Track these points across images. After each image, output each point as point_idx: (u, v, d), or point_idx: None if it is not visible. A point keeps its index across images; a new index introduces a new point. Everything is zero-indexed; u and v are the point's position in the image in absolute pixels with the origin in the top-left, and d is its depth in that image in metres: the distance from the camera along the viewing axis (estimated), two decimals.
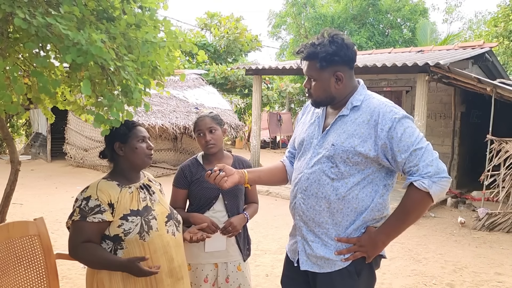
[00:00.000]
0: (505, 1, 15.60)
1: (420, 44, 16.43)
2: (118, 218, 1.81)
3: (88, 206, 1.77)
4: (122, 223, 1.81)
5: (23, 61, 2.18)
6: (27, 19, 1.42)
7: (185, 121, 10.21)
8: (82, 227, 1.77)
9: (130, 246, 1.82)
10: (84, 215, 1.76)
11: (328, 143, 1.79)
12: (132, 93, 1.66)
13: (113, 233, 1.81)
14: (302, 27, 21.38)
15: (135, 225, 1.82)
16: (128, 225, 1.81)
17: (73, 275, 4.04)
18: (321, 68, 1.77)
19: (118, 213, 1.81)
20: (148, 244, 1.84)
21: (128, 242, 1.82)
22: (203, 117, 2.36)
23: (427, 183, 1.62)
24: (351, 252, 1.77)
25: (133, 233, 1.81)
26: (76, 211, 1.79)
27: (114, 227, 1.81)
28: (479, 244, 5.70)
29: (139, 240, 1.82)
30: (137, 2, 2.00)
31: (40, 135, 12.11)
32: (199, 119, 2.37)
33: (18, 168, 2.59)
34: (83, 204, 1.78)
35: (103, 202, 1.79)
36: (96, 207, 1.78)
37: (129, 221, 1.81)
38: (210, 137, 2.31)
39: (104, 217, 1.78)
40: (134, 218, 1.83)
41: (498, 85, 6.49)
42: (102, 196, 1.80)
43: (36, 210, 6.47)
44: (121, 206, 1.82)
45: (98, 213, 1.77)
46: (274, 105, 19.90)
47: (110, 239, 1.82)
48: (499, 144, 6.45)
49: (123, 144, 1.92)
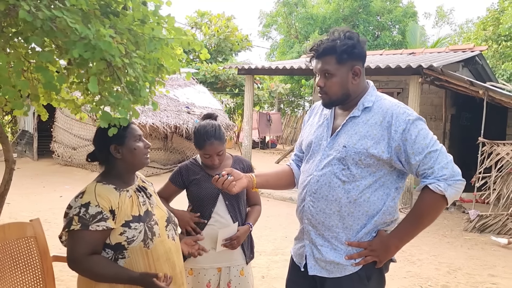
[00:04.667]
0: (494, 5, 15.82)
1: (410, 47, 16.55)
2: (119, 225, 1.68)
3: (89, 214, 1.62)
4: (125, 230, 1.68)
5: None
6: (32, 11, 1.35)
7: (176, 120, 10.11)
8: (85, 237, 1.62)
9: (133, 255, 1.70)
10: (85, 224, 1.61)
11: (339, 145, 1.75)
12: (139, 91, 1.59)
13: (114, 241, 1.67)
14: (293, 27, 21.41)
15: (139, 232, 1.70)
16: (131, 232, 1.69)
17: (65, 277, 3.94)
18: (340, 62, 1.72)
19: (120, 220, 1.68)
20: (152, 252, 1.73)
21: (131, 251, 1.69)
22: (211, 141, 2.17)
23: (443, 186, 1.59)
24: (362, 257, 1.73)
25: (137, 241, 1.70)
26: (74, 219, 1.62)
27: (115, 235, 1.67)
28: (471, 245, 5.74)
29: (143, 248, 1.71)
30: None
31: (26, 132, 11.88)
32: (207, 142, 2.17)
33: (12, 167, 2.50)
34: (82, 212, 1.62)
35: (105, 208, 1.65)
36: (98, 214, 1.63)
37: (131, 228, 1.69)
38: (217, 159, 2.22)
39: (108, 224, 1.64)
40: (137, 225, 1.71)
41: (490, 88, 6.55)
42: (103, 202, 1.65)
43: (24, 209, 6.31)
44: (122, 213, 1.70)
45: (102, 220, 1.63)
46: (264, 105, 19.87)
47: (111, 248, 1.69)
48: (490, 147, 6.51)
49: (120, 146, 1.76)
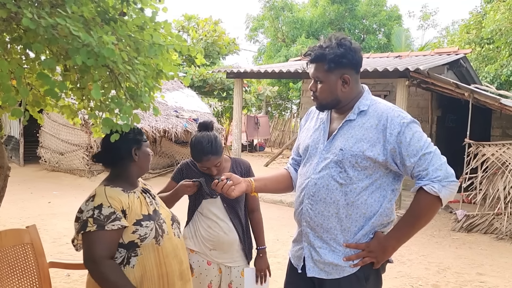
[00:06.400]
0: (477, 8, 16.14)
1: (395, 50, 16.81)
2: (131, 224, 1.77)
3: (103, 215, 1.70)
4: (137, 229, 1.77)
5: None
6: (35, 19, 1.36)
7: (165, 124, 10.09)
8: (102, 237, 1.68)
9: (146, 252, 1.79)
10: (101, 224, 1.68)
11: (335, 148, 1.79)
12: (140, 96, 1.61)
13: (127, 240, 1.76)
14: (280, 31, 21.51)
15: (150, 230, 1.80)
16: (143, 230, 1.78)
17: (57, 283, 3.91)
18: (329, 70, 1.77)
19: (131, 219, 1.78)
20: (162, 249, 1.83)
21: (144, 248, 1.79)
22: (208, 157, 2.19)
23: (437, 187, 1.64)
24: (360, 258, 1.76)
25: (150, 238, 1.79)
26: (89, 221, 1.69)
27: (128, 233, 1.76)
28: (459, 245, 5.85)
29: (154, 244, 1.81)
30: (137, 3, 1.96)
31: (12, 138, 11.70)
32: (204, 158, 2.19)
33: (7, 173, 2.49)
34: (96, 213, 1.70)
35: (117, 209, 1.73)
36: (112, 214, 1.71)
37: (143, 226, 1.79)
38: (216, 170, 2.26)
39: (122, 223, 1.73)
40: (147, 223, 1.81)
41: (475, 90, 6.70)
42: (115, 203, 1.74)
43: (13, 216, 6.23)
44: (133, 212, 1.79)
45: (116, 220, 1.71)
46: (251, 108, 19.91)
47: (123, 247, 1.77)
48: (476, 148, 6.64)
49: (138, 150, 1.89)
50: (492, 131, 8.98)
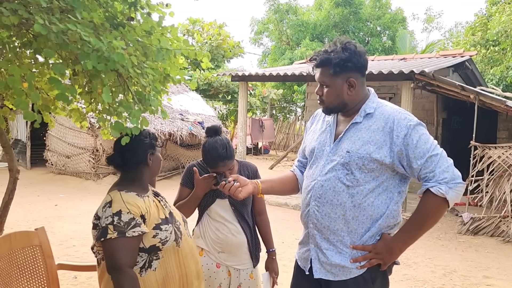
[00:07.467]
0: (482, 10, 16.11)
1: (400, 52, 16.78)
2: (150, 228, 1.77)
3: (123, 221, 1.68)
4: (157, 233, 1.78)
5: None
6: (46, 25, 1.39)
7: (170, 127, 10.13)
8: (123, 244, 1.67)
9: (167, 255, 1.82)
10: (122, 231, 1.67)
11: (342, 150, 1.80)
12: (148, 100, 1.64)
13: (148, 244, 1.76)
14: (284, 34, 21.56)
15: (170, 233, 1.82)
16: (163, 233, 1.80)
17: (64, 285, 3.93)
18: (334, 74, 1.79)
19: (151, 224, 1.78)
20: (181, 250, 1.87)
21: (165, 251, 1.81)
22: (224, 162, 2.22)
23: (444, 189, 1.64)
24: (367, 260, 1.77)
25: (170, 241, 1.82)
26: (109, 228, 1.67)
27: (148, 238, 1.76)
28: (465, 248, 5.83)
29: (175, 247, 1.84)
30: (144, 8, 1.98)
31: (19, 141, 11.79)
32: (220, 164, 2.22)
33: (16, 176, 2.52)
34: (116, 220, 1.68)
35: (136, 214, 1.72)
36: (132, 221, 1.70)
37: (163, 230, 1.80)
38: (229, 173, 2.27)
39: (142, 229, 1.72)
40: (166, 226, 1.83)
41: (481, 93, 6.67)
42: (133, 209, 1.73)
43: (20, 219, 6.28)
44: (152, 217, 1.80)
45: (136, 226, 1.70)
46: (256, 111, 19.94)
47: (145, 251, 1.77)
48: (482, 150, 6.62)
49: (152, 154, 1.90)
50: (498, 133, 8.95)
